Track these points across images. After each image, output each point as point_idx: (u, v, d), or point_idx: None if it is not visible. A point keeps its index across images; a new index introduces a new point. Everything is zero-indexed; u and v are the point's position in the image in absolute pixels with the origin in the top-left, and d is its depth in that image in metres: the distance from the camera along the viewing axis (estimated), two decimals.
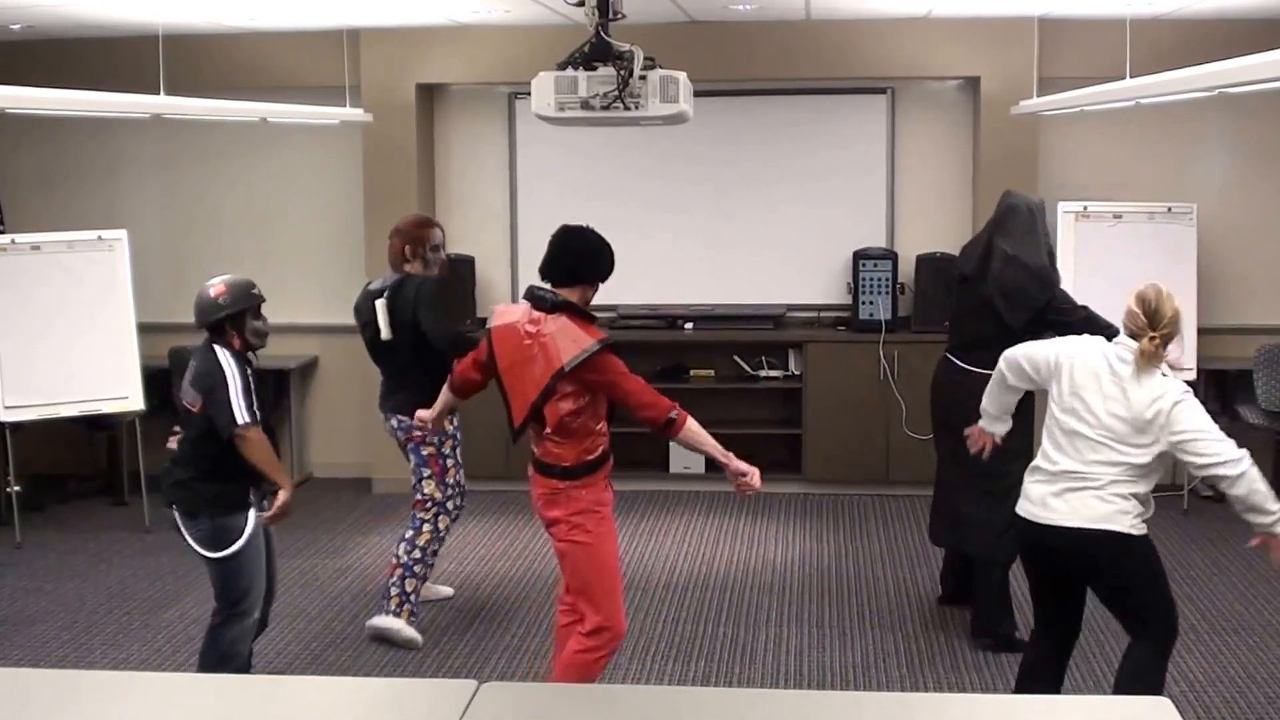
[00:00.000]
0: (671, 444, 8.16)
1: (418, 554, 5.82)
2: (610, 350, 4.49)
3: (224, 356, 4.84)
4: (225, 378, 4.79)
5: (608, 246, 4.68)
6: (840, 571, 6.75)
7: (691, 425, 4.48)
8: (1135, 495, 4.26)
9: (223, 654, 4.92)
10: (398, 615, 5.79)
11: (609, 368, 4.47)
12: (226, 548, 4.84)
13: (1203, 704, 5.08)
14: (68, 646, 5.87)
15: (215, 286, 4.89)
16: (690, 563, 6.91)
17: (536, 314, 4.54)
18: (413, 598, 5.82)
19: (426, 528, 5.84)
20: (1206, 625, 5.91)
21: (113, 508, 8.03)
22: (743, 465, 4.50)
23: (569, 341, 4.45)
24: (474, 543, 7.21)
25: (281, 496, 4.90)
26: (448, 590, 6.48)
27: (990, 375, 4.79)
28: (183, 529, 4.90)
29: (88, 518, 7.87)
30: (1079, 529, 4.26)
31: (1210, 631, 5.84)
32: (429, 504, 5.85)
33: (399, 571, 5.80)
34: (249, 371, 4.89)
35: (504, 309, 4.70)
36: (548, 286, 4.63)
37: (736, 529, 7.49)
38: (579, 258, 4.64)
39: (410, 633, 5.80)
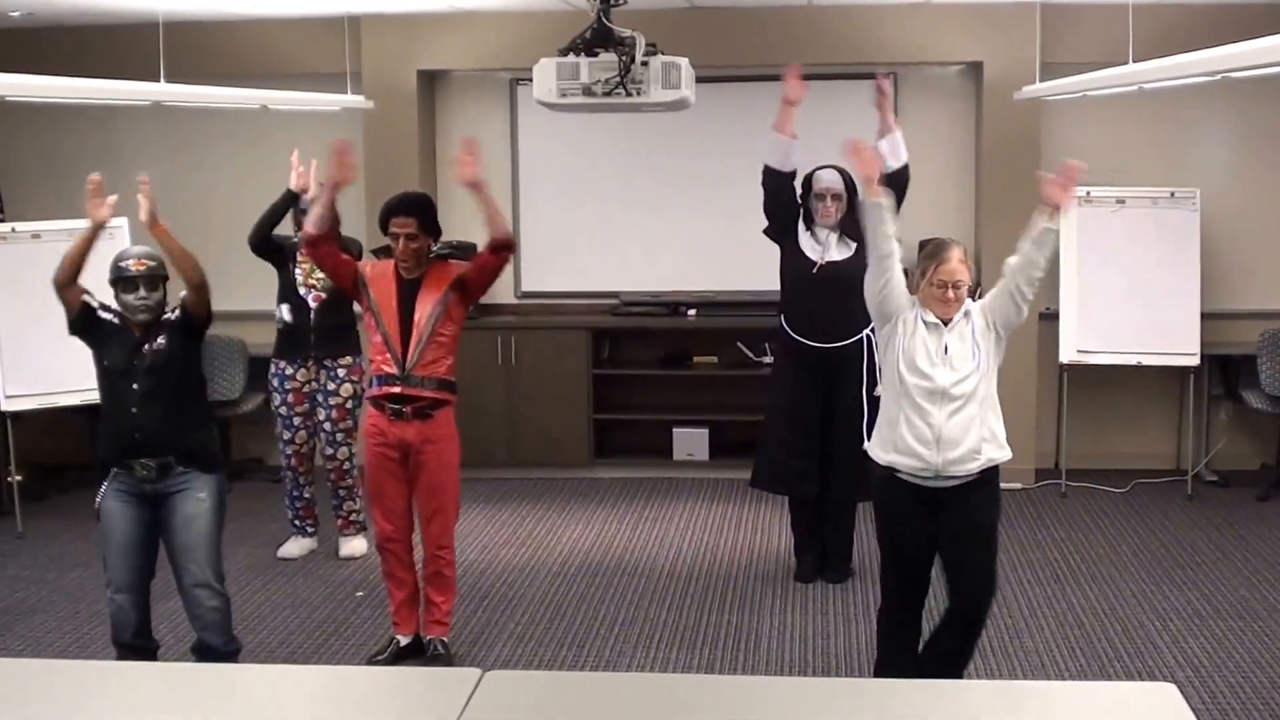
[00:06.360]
0: (675, 431, 8.21)
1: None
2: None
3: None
4: None
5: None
6: None
7: None
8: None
9: None
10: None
11: None
12: None
13: (1208, 689, 5.07)
14: (69, 637, 5.87)
15: None
16: (694, 550, 6.90)
17: None
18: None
19: None
20: (1211, 610, 5.90)
21: None
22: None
23: None
24: (476, 530, 7.20)
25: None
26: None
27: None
28: None
29: (89, 507, 7.77)
30: None
31: (1215, 616, 5.83)
32: None
33: None
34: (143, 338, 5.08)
35: None
36: None
37: (740, 516, 7.48)
38: None
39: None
